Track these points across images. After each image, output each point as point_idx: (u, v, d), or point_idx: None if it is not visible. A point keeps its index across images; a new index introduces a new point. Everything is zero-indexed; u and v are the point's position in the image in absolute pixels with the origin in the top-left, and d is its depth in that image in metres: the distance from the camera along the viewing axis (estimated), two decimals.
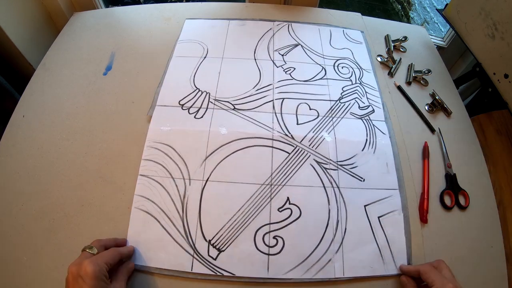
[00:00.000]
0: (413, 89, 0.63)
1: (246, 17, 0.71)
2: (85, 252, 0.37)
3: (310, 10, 0.75)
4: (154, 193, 0.47)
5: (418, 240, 0.46)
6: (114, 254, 0.38)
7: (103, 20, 0.70)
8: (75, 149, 0.51)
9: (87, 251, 0.37)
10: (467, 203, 0.50)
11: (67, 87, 0.59)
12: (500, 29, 0.58)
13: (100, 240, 0.40)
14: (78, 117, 0.55)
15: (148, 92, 0.57)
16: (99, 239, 0.40)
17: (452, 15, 0.71)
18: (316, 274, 0.43)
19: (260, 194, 0.47)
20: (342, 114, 0.56)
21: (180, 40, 0.66)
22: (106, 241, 0.41)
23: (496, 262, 0.46)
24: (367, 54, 0.67)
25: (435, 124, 0.58)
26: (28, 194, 0.47)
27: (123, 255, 0.40)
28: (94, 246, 0.38)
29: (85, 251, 0.37)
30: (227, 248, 0.44)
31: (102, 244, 0.40)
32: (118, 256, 0.39)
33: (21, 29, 0.66)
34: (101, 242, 0.40)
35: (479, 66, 0.66)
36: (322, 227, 0.45)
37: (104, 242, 0.40)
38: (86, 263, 0.34)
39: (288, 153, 0.51)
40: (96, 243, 0.39)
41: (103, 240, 0.40)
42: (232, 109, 0.55)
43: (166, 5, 0.74)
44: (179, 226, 0.45)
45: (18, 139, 0.52)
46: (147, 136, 0.51)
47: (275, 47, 0.65)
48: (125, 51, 0.64)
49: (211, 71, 0.60)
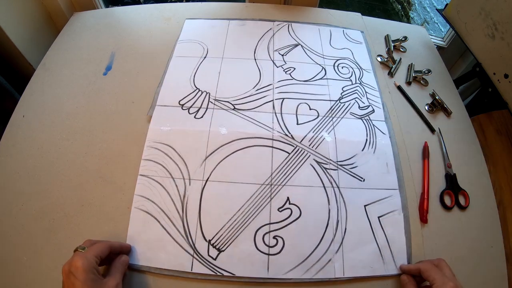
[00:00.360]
0: (413, 89, 0.63)
1: (246, 17, 0.71)
2: (77, 251, 0.37)
3: (310, 10, 0.75)
4: (154, 193, 0.47)
5: (418, 240, 0.46)
6: (102, 247, 0.38)
7: (103, 20, 0.70)
8: (75, 149, 0.51)
9: (78, 251, 0.37)
10: (467, 203, 0.50)
11: (67, 87, 0.59)
12: (500, 29, 0.58)
13: (91, 240, 0.40)
14: (78, 117, 0.55)
15: (148, 92, 0.57)
16: (90, 239, 0.40)
17: (452, 15, 0.71)
18: (316, 274, 0.43)
19: (260, 194, 0.47)
20: (342, 114, 0.56)
21: (180, 40, 0.66)
22: (97, 241, 0.40)
23: (496, 262, 0.46)
24: (367, 54, 0.67)
25: (435, 124, 0.58)
26: (28, 194, 0.47)
27: (113, 248, 0.40)
28: (86, 245, 0.38)
29: (76, 251, 0.37)
30: (227, 248, 0.44)
31: (93, 242, 0.39)
32: (107, 248, 0.38)
33: (21, 29, 0.66)
34: (93, 241, 0.40)
35: (479, 66, 0.66)
36: (322, 227, 0.45)
37: (95, 241, 0.40)
38: (75, 258, 0.35)
39: (288, 153, 0.51)
40: (88, 242, 0.39)
41: (94, 240, 0.40)
42: (232, 109, 0.55)
43: (166, 5, 0.74)
44: (179, 226, 0.45)
45: (18, 139, 0.52)
46: (147, 136, 0.51)
47: (275, 47, 0.65)
48: (125, 51, 0.64)
49: (211, 71, 0.60)
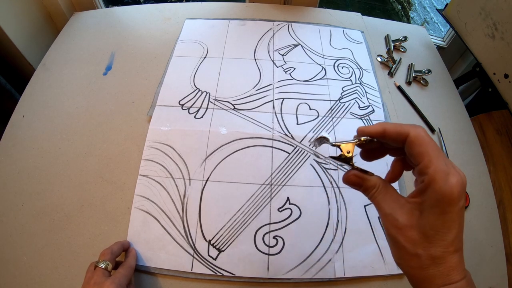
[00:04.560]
0: (413, 89, 0.63)
1: (246, 17, 0.71)
2: (100, 269, 0.35)
3: (310, 10, 0.75)
4: (154, 193, 0.47)
5: None
6: (130, 273, 0.38)
7: (103, 20, 0.70)
8: (75, 149, 0.51)
9: (100, 268, 0.35)
10: (467, 203, 0.50)
11: (67, 87, 0.59)
12: (500, 29, 0.58)
13: (111, 252, 0.38)
14: (78, 117, 0.55)
15: (148, 92, 0.57)
16: (110, 250, 0.38)
17: (452, 15, 0.71)
18: (316, 274, 0.43)
19: (260, 194, 0.47)
20: (342, 114, 0.56)
21: (180, 40, 0.66)
22: (115, 249, 0.39)
23: (496, 262, 0.46)
24: (367, 54, 0.67)
25: (435, 124, 0.58)
26: (28, 194, 0.47)
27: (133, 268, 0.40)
28: (107, 260, 0.36)
29: (98, 268, 0.35)
30: (227, 248, 0.44)
31: (114, 256, 0.38)
32: (132, 272, 0.38)
33: (21, 29, 0.66)
34: (113, 254, 0.38)
35: (479, 66, 0.66)
36: (322, 227, 0.45)
37: (115, 253, 0.38)
38: (108, 284, 0.33)
39: (288, 153, 0.51)
40: (108, 256, 0.37)
41: (113, 251, 0.38)
42: (232, 109, 0.55)
43: (166, 5, 0.74)
44: (179, 226, 0.45)
45: (18, 139, 0.52)
46: (147, 136, 0.51)
47: (275, 47, 0.65)
48: (125, 51, 0.64)
49: (211, 71, 0.60)
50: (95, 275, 0.34)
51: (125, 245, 0.42)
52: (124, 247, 0.42)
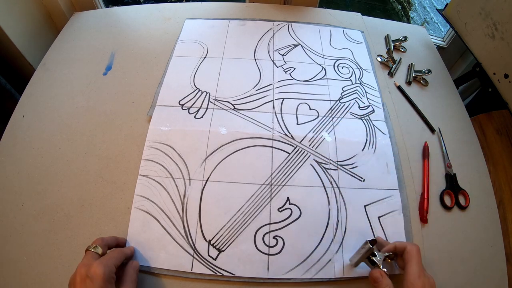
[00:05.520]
0: (413, 89, 0.63)
1: (246, 17, 0.71)
2: (90, 251, 0.37)
3: (310, 10, 0.75)
4: (154, 193, 0.47)
5: (418, 240, 0.46)
6: (120, 256, 0.38)
7: (103, 20, 0.70)
8: (75, 149, 0.51)
9: (91, 251, 0.37)
10: (467, 203, 0.50)
11: (67, 87, 0.59)
12: (500, 29, 0.58)
13: (103, 239, 0.40)
14: (78, 117, 0.55)
15: (148, 92, 0.57)
16: (101, 238, 0.40)
17: (452, 15, 0.71)
18: (316, 274, 0.43)
19: (260, 194, 0.47)
20: (342, 114, 0.56)
21: (180, 40, 0.66)
22: (108, 239, 0.40)
23: (496, 262, 0.46)
24: (367, 54, 0.67)
25: (435, 124, 0.58)
26: (28, 194, 0.47)
27: (127, 256, 0.40)
28: (98, 245, 0.38)
29: (89, 251, 0.37)
30: (227, 248, 0.44)
31: (105, 243, 0.39)
32: (123, 257, 0.38)
33: (21, 29, 0.66)
34: (104, 241, 0.39)
35: (479, 66, 0.66)
36: (322, 227, 0.45)
37: (106, 241, 0.40)
38: (96, 264, 0.34)
39: (288, 153, 0.51)
40: (100, 241, 0.39)
41: (105, 239, 0.40)
42: (232, 109, 0.55)
43: (166, 5, 0.74)
44: (179, 226, 0.45)
45: (18, 139, 0.52)
46: (147, 136, 0.51)
47: (275, 47, 0.65)
48: (125, 51, 0.64)
49: (211, 71, 0.60)
50: (85, 258, 0.36)
51: (120, 240, 0.42)
52: (119, 241, 0.42)
